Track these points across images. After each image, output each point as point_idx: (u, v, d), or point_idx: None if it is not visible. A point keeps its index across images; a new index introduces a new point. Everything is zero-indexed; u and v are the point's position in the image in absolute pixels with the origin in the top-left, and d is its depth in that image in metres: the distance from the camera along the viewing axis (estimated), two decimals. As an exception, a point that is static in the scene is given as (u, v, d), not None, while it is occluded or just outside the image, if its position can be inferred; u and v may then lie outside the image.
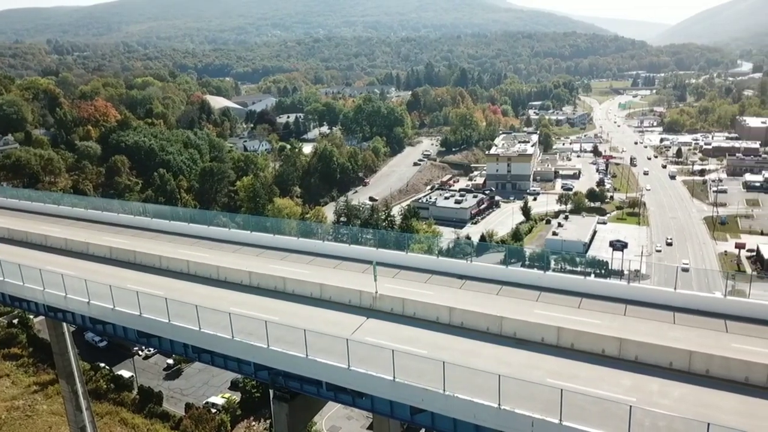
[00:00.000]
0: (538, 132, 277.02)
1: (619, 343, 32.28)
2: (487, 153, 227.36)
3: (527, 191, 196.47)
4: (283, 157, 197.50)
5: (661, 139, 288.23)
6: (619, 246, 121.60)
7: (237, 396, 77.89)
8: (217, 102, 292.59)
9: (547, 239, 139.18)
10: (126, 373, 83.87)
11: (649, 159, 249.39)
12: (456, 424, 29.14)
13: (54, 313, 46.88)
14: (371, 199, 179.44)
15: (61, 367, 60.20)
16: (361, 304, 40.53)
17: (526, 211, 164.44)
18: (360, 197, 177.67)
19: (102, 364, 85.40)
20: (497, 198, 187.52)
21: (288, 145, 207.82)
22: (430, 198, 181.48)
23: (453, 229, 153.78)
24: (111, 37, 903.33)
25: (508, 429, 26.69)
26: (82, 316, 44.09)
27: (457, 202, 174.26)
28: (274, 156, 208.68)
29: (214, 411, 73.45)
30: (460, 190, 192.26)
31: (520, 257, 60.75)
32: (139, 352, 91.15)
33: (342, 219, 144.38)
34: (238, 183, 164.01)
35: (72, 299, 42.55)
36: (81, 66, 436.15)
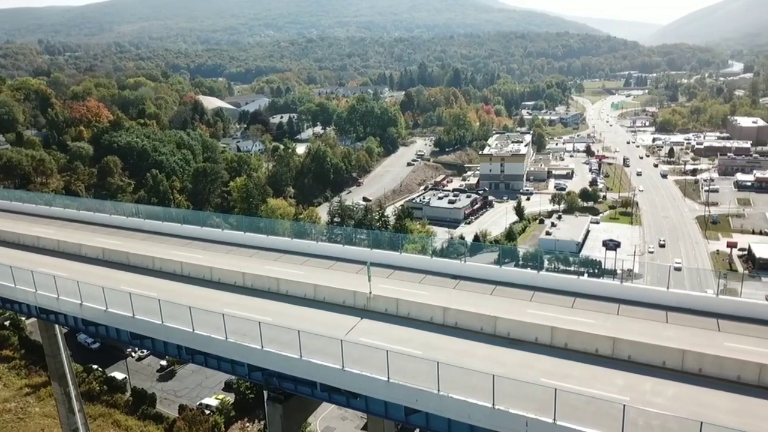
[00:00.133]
0: (531, 132, 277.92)
1: (612, 342, 32.43)
2: (480, 153, 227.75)
3: (520, 191, 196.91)
4: (276, 158, 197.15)
5: (654, 139, 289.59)
6: (612, 245, 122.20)
7: (231, 397, 77.67)
8: (210, 102, 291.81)
9: (540, 239, 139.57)
10: (119, 375, 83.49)
11: (641, 158, 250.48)
12: (450, 424, 29.16)
13: (46, 315, 46.61)
14: (365, 199, 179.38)
15: (54, 369, 59.86)
16: (356, 305, 40.51)
17: (519, 210, 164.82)
18: (354, 197, 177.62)
19: (95, 366, 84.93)
20: (491, 198, 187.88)
21: (281, 146, 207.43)
22: (424, 198, 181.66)
23: (447, 229, 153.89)
24: (103, 37, 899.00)
25: (502, 429, 26.76)
26: (74, 318, 43.84)
27: (450, 202, 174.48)
28: (267, 156, 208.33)
29: (208, 412, 73.20)
30: (454, 190, 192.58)
31: (513, 257, 60.87)
32: (132, 354, 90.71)
33: (336, 219, 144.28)
34: (231, 183, 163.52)
35: (64, 301, 42.31)
36: (73, 66, 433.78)
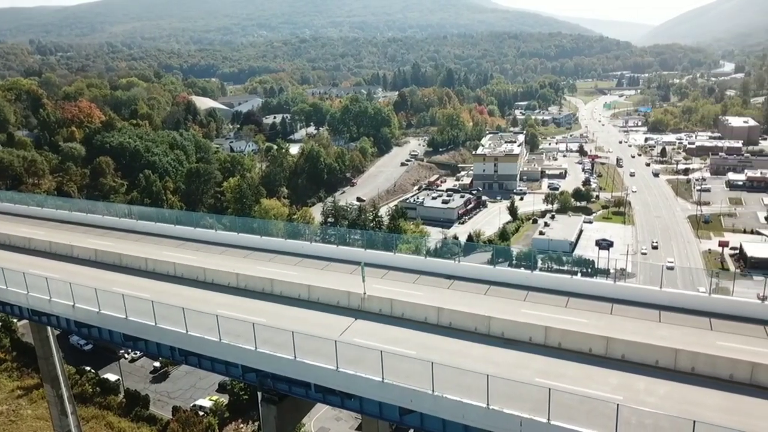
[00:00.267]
0: (525, 132, 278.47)
1: (605, 341, 32.55)
2: (473, 153, 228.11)
3: (514, 191, 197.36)
4: (269, 158, 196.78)
5: (646, 139, 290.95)
6: (605, 245, 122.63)
7: (225, 398, 77.41)
8: (203, 103, 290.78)
9: (533, 239, 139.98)
10: (112, 377, 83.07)
11: (633, 157, 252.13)
12: (445, 424, 29.22)
13: (38, 317, 46.38)
14: (359, 199, 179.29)
15: (46, 371, 59.51)
16: (350, 306, 40.52)
17: (512, 210, 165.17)
18: (347, 198, 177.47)
19: (87, 368, 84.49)
20: (484, 198, 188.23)
21: (275, 146, 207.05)
22: (418, 198, 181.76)
23: (440, 229, 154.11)
24: (95, 37, 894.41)
25: (497, 429, 26.81)
26: (66, 320, 43.64)
27: (444, 202, 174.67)
28: (260, 157, 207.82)
29: (201, 414, 72.96)
30: (448, 190, 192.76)
31: (507, 257, 60.92)
32: (125, 355, 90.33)
33: (329, 220, 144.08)
34: (224, 184, 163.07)
35: (56, 302, 42.10)
36: (64, 66, 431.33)
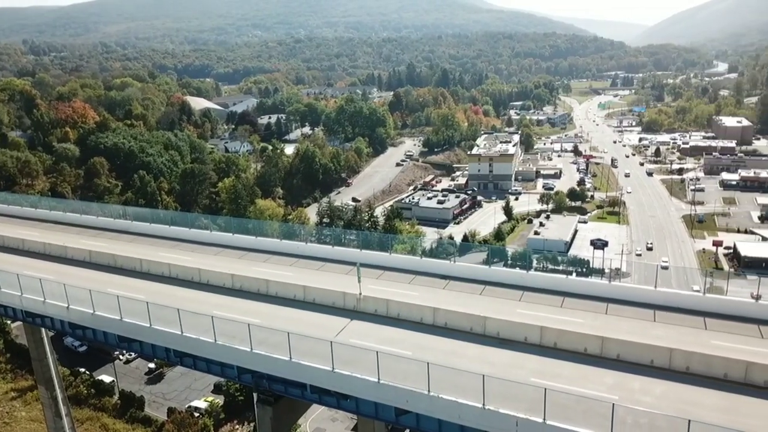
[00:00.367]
0: (520, 132, 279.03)
1: (601, 341, 32.62)
2: (469, 153, 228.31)
3: (509, 191, 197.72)
4: (264, 158, 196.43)
5: (640, 139, 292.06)
6: (599, 245, 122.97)
7: (220, 399, 77.24)
8: (197, 103, 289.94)
9: (529, 238, 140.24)
10: (107, 378, 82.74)
11: (627, 157, 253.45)
12: (441, 424, 29.21)
13: (32, 319, 46.15)
14: (354, 199, 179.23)
15: (40, 373, 59.27)
16: (345, 306, 40.48)
17: (508, 210, 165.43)
18: (343, 198, 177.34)
19: (82, 369, 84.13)
20: (479, 198, 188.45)
21: (270, 146, 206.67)
22: (413, 198, 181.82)
23: (436, 229, 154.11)
24: (88, 37, 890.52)
25: (492, 429, 26.83)
26: (61, 321, 43.44)
27: (439, 202, 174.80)
28: (255, 157, 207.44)
29: (197, 415, 72.79)
30: (443, 191, 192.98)
31: (502, 257, 61.05)
32: (120, 357, 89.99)
33: (325, 220, 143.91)
34: (219, 184, 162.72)
35: (50, 304, 41.90)
36: (58, 67, 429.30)
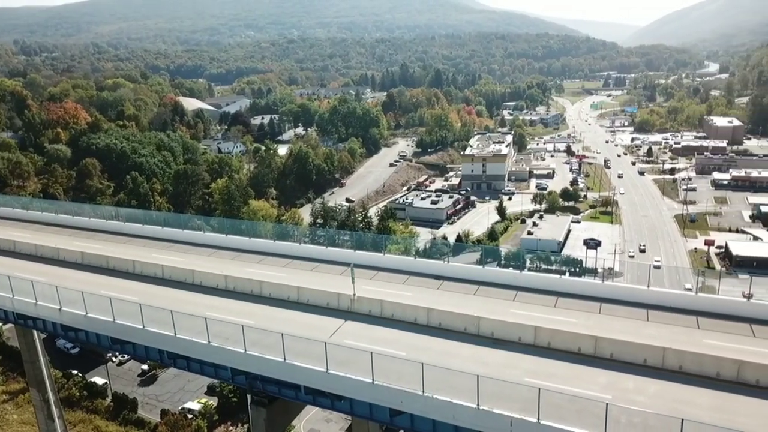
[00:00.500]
0: (513, 132, 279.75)
1: (594, 341, 32.73)
2: (462, 153, 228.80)
3: (502, 191, 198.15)
4: (258, 159, 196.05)
5: (632, 139, 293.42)
6: (592, 244, 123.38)
7: (214, 401, 76.93)
8: (190, 104, 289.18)
9: (522, 238, 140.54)
10: (99, 380, 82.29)
11: (619, 156, 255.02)
12: (435, 425, 29.24)
13: (24, 321, 45.86)
14: (348, 200, 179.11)
15: (32, 376, 58.88)
16: (339, 307, 40.46)
17: (501, 210, 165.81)
18: (336, 198, 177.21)
19: (74, 372, 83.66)
20: (473, 198, 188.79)
21: (263, 147, 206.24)
22: (407, 199, 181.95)
23: (429, 229, 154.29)
24: (80, 37, 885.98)
25: (487, 429, 26.86)
26: (53, 324, 43.18)
27: (433, 202, 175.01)
28: (248, 158, 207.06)
29: (190, 417, 72.47)
30: (436, 191, 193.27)
31: (496, 257, 61.17)
32: (113, 359, 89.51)
33: (318, 221, 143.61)
34: (212, 185, 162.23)
35: (42, 306, 41.65)
36: (49, 67, 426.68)
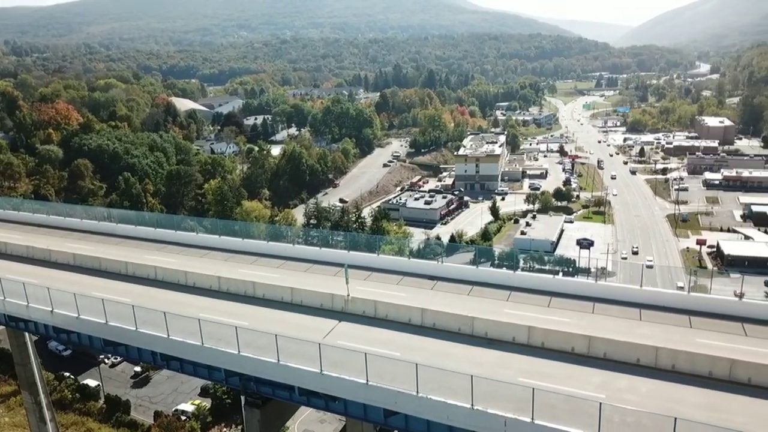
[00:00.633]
0: (506, 133, 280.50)
1: (588, 340, 32.83)
2: (455, 154, 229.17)
3: (495, 191, 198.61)
4: (251, 160, 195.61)
5: (625, 139, 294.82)
6: (585, 244, 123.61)
7: (207, 402, 76.70)
8: (182, 104, 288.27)
9: (515, 238, 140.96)
10: (92, 382, 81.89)
11: (611, 156, 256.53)
12: (429, 425, 29.26)
13: (15, 323, 45.58)
14: (341, 200, 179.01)
15: (24, 378, 58.56)
16: (333, 308, 40.41)
17: (494, 211, 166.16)
18: (330, 199, 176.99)
19: (66, 374, 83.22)
20: (466, 198, 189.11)
21: (256, 147, 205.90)
22: (400, 199, 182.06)
23: (423, 229, 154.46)
24: (72, 38, 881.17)
25: (481, 429, 26.91)
26: (45, 326, 42.97)
27: (426, 202, 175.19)
28: (241, 158, 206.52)
29: (184, 418, 72.27)
30: (430, 191, 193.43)
31: (489, 257, 61.33)
32: (105, 360, 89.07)
33: (312, 221, 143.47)
34: (205, 186, 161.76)
35: (34, 308, 41.39)
36: (41, 68, 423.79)
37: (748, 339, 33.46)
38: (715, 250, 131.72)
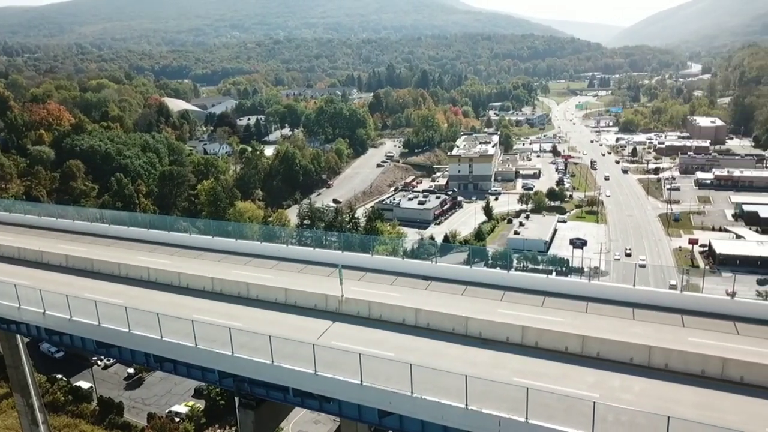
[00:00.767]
0: (499, 133, 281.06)
1: (581, 340, 32.95)
2: (449, 154, 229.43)
3: (489, 191, 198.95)
4: (244, 160, 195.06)
5: (617, 139, 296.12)
6: (578, 244, 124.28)
7: (201, 404, 76.56)
8: (175, 104, 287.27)
9: (509, 238, 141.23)
10: (84, 384, 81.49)
11: (603, 155, 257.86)
12: (424, 425, 29.29)
13: (6, 325, 45.30)
14: (335, 201, 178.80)
15: (15, 380, 58.16)
16: (327, 308, 40.37)
17: (488, 210, 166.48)
18: (324, 199, 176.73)
19: (59, 376, 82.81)
20: (460, 198, 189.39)
21: (249, 148, 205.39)
22: (394, 199, 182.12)
23: (417, 230, 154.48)
24: (63, 38, 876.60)
25: (475, 429, 26.92)
26: (37, 328, 42.72)
27: (420, 203, 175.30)
28: (235, 159, 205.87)
29: (177, 420, 72.02)
30: (424, 191, 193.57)
31: (483, 257, 61.55)
32: (98, 362, 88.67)
33: (306, 222, 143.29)
34: (198, 187, 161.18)
35: (26, 310, 41.14)
36: (32, 68, 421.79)
37: (740, 338, 33.68)
38: (707, 249, 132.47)
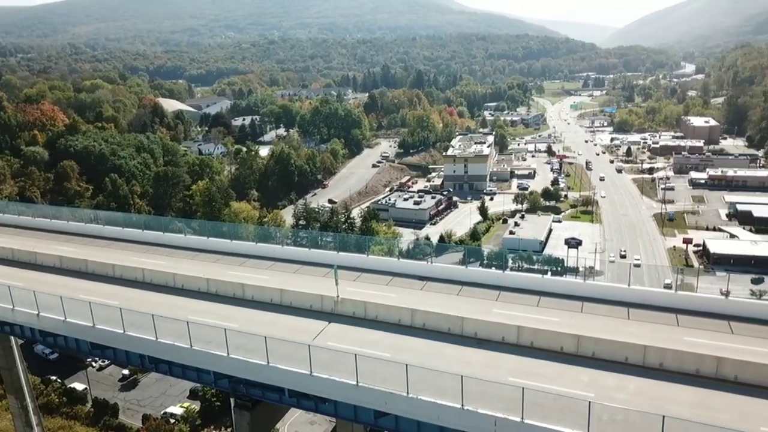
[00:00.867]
0: (494, 133, 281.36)
1: (576, 340, 33.05)
2: (444, 154, 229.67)
3: (484, 191, 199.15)
4: (239, 161, 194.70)
5: (612, 139, 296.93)
6: (573, 243, 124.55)
7: (196, 405, 76.29)
8: (170, 105, 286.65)
9: (504, 238, 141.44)
10: (79, 386, 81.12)
11: (597, 155, 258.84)
12: (420, 426, 29.30)
13: (0, 327, 45.05)
14: (330, 201, 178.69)
15: (9, 382, 57.87)
16: (323, 309, 40.35)
17: (483, 211, 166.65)
18: (319, 200, 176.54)
19: (53, 377, 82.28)
20: (455, 198, 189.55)
21: (244, 148, 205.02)
22: (390, 199, 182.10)
23: (412, 230, 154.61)
24: (57, 38, 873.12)
25: (471, 429, 26.97)
26: (31, 329, 42.57)
27: (416, 203, 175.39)
28: (229, 159, 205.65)
29: (172, 421, 71.80)
30: (419, 192, 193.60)
31: (478, 257, 61.63)
32: (93, 364, 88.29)
33: (301, 222, 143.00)
34: (193, 187, 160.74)
35: (20, 312, 41.00)
36: (25, 68, 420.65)
37: (735, 337, 33.84)
38: (701, 248, 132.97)
